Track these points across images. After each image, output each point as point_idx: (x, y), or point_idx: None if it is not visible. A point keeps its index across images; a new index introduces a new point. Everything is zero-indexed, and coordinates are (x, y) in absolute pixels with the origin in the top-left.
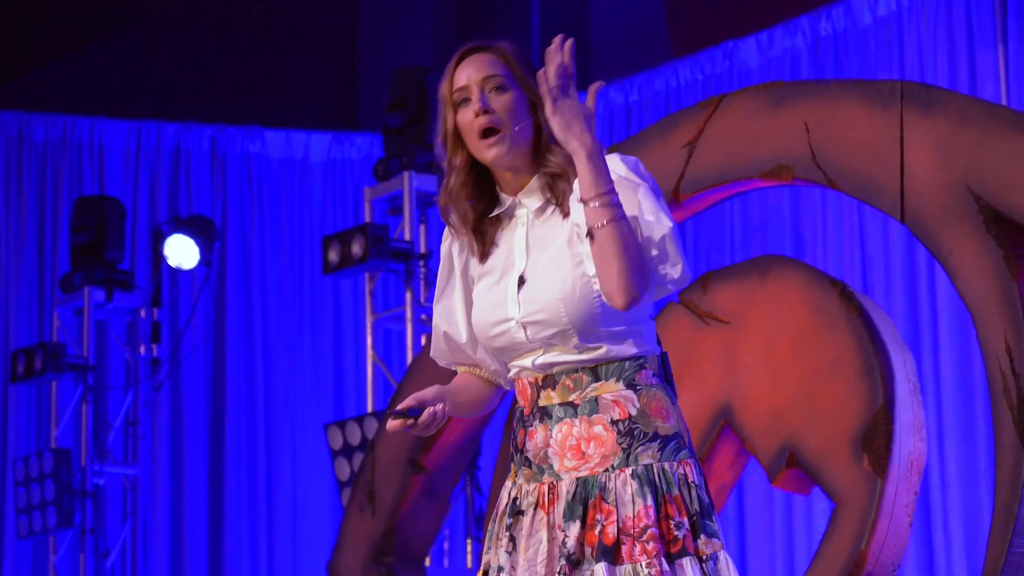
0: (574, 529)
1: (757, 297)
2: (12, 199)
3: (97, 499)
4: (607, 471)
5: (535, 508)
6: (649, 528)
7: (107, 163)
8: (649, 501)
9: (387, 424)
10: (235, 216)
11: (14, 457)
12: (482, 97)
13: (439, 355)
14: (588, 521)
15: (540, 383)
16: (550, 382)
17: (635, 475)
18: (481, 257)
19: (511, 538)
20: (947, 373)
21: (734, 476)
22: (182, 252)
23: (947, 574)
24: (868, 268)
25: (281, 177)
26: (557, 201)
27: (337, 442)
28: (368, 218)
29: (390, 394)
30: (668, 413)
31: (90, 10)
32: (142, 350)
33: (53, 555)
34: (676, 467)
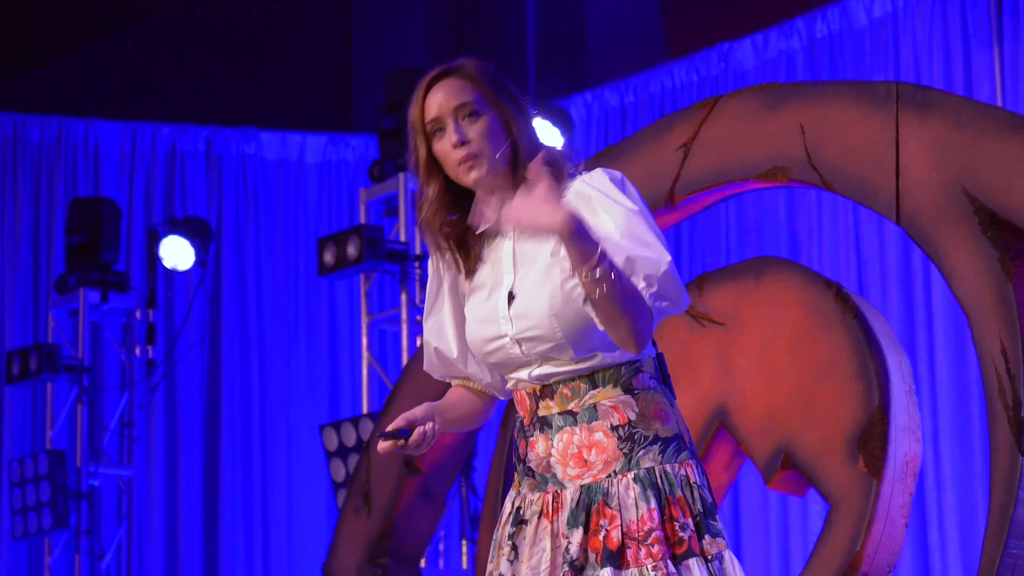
0: (577, 535)
1: (752, 299)
2: (7, 200)
3: (92, 500)
4: (610, 476)
5: (539, 517)
6: (654, 531)
7: (102, 164)
8: (652, 504)
9: (378, 446)
10: (230, 217)
11: (9, 458)
12: (457, 128)
13: (431, 369)
14: (591, 527)
15: (538, 393)
16: (548, 392)
17: (637, 479)
18: (467, 273)
19: (513, 547)
20: (942, 374)
21: (729, 478)
22: (177, 253)
23: (942, 575)
24: (863, 269)
25: (276, 178)
26: None
27: (332, 443)
28: (363, 219)
29: (385, 395)
30: (667, 415)
31: (85, 11)
32: (137, 351)
33: (48, 556)
34: (678, 468)
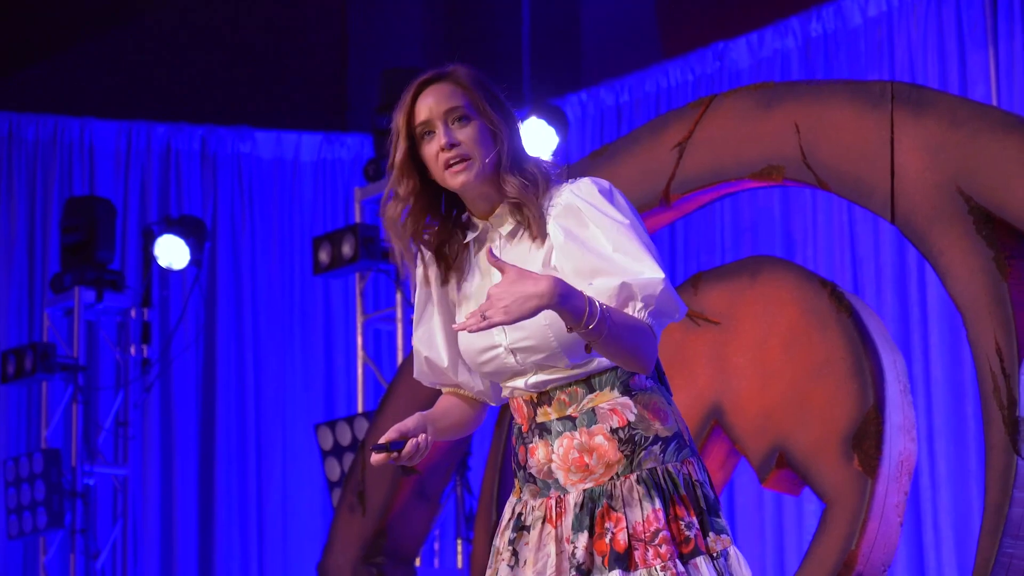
0: (582, 539)
1: (747, 298)
2: (2, 199)
3: (87, 499)
4: (612, 479)
5: (542, 522)
6: (660, 532)
7: (97, 163)
8: (657, 504)
9: (371, 459)
10: (225, 216)
11: (4, 457)
12: (447, 131)
13: (421, 377)
14: (597, 530)
15: (535, 400)
16: (545, 399)
17: (640, 480)
18: (443, 281)
19: (514, 552)
20: (937, 373)
21: (724, 476)
22: (172, 252)
23: (937, 574)
24: (858, 268)
25: (271, 177)
26: (526, 225)
27: (327, 442)
28: (358, 218)
29: (380, 394)
30: (666, 414)
31: (81, 11)
32: (132, 350)
33: (43, 555)
34: (680, 467)
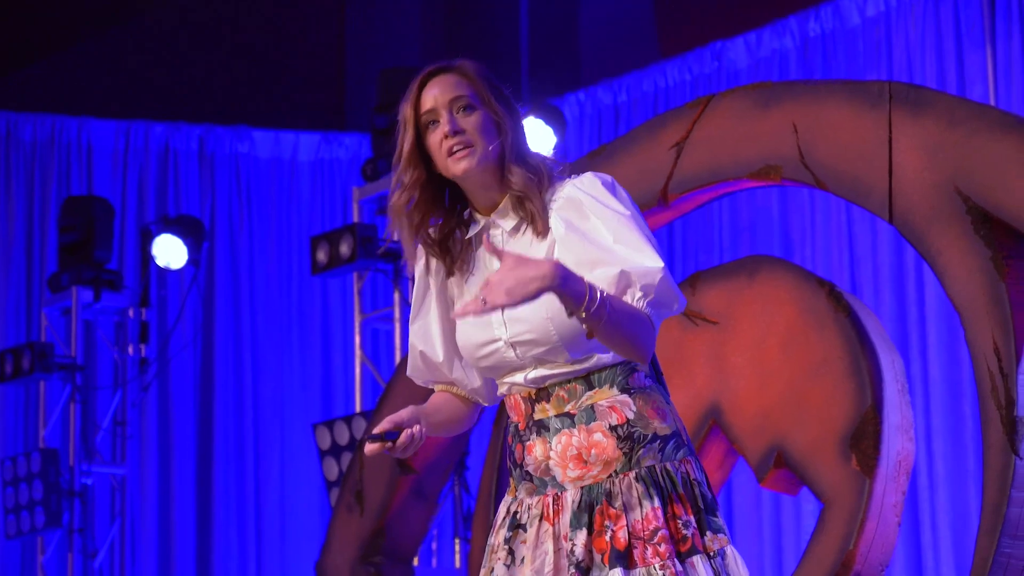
0: (581, 537)
1: (745, 297)
2: (0, 199)
3: (85, 499)
4: (611, 477)
5: (539, 520)
6: (659, 530)
7: (95, 163)
8: (656, 503)
9: (365, 449)
10: (223, 216)
11: (2, 457)
12: (451, 119)
13: (416, 374)
14: (595, 528)
15: (534, 397)
16: (544, 395)
17: (639, 478)
18: (448, 274)
19: (510, 551)
20: (935, 373)
21: (722, 476)
22: (170, 252)
23: (935, 574)
24: (856, 268)
25: (269, 177)
26: (529, 220)
27: (325, 442)
28: (356, 218)
29: (378, 394)
30: (664, 413)
31: (78, 10)
32: (130, 350)
33: (41, 555)
34: (678, 466)
